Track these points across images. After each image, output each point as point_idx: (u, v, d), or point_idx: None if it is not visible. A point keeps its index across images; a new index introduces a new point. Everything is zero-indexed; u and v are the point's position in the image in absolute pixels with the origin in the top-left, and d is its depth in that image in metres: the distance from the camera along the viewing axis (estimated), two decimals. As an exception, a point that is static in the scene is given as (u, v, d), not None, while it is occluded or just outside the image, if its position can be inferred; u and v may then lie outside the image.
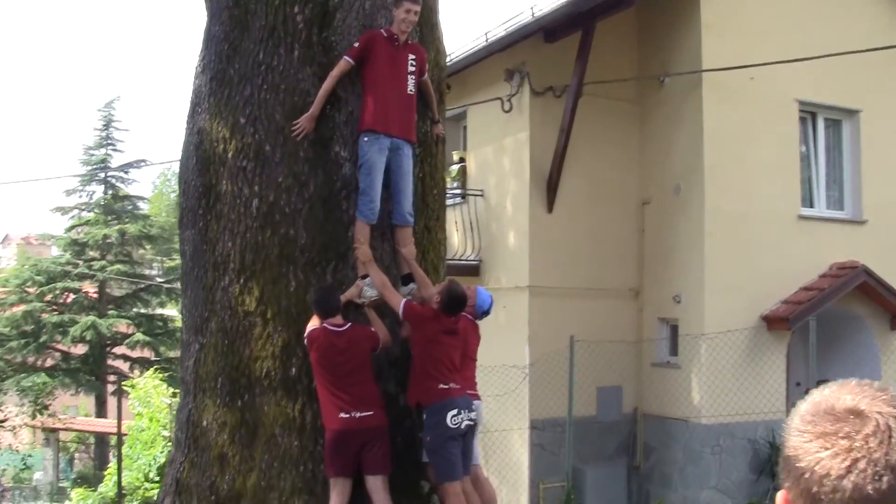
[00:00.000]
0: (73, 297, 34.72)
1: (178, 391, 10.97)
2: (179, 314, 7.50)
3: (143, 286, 35.51)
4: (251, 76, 6.89)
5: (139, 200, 38.04)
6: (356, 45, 6.75)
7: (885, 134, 14.98)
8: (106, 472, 15.57)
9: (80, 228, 36.30)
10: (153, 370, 23.12)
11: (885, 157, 14.98)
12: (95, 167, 36.71)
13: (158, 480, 14.44)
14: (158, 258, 44.19)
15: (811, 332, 11.89)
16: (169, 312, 36.41)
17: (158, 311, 36.50)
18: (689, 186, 13.48)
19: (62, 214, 36.82)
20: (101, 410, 34.77)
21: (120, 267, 34.36)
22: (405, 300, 6.43)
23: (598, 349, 13.32)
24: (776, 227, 13.73)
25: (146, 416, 18.78)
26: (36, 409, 14.06)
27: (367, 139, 6.66)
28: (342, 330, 6.28)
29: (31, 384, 24.79)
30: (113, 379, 32.71)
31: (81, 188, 36.46)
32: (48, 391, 16.61)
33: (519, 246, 13.92)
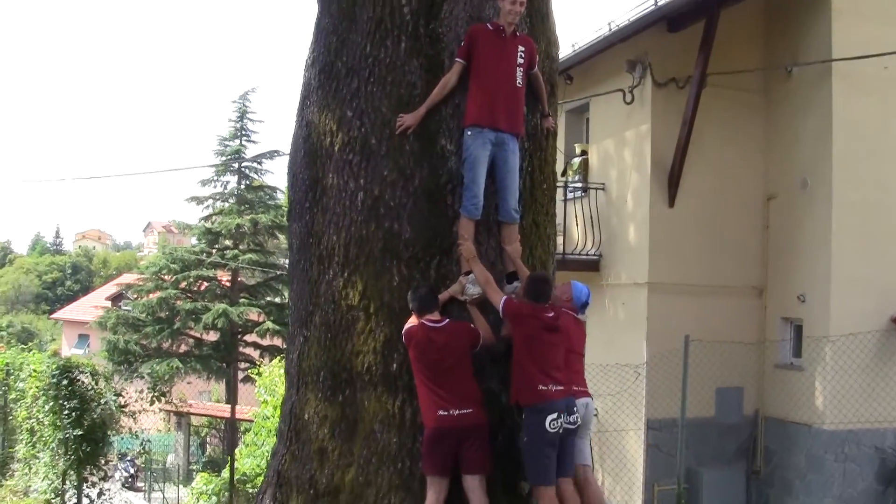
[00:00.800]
0: (206, 285, 35.67)
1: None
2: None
3: (273, 275, 36.13)
4: (358, 69, 6.87)
5: (272, 191, 38.65)
6: (462, 43, 6.66)
7: None
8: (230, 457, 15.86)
9: (214, 218, 37.17)
10: (279, 358, 23.54)
11: None
12: (230, 158, 37.53)
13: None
14: (289, 248, 44.91)
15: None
16: (298, 301, 36.88)
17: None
18: (816, 180, 12.98)
19: (197, 204, 37.76)
20: (231, 397, 35.66)
21: (252, 256, 35.05)
22: (505, 297, 6.32)
23: (718, 349, 12.93)
24: (910, 221, 13.07)
25: (271, 403, 19.07)
26: (154, 395, 14.42)
27: (470, 133, 6.56)
28: (440, 326, 6.20)
29: (150, 371, 25.58)
30: (243, 366, 33.51)
31: (216, 178, 37.26)
32: (167, 378, 17.11)
33: (639, 241, 13.65)
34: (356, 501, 6.38)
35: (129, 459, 30.32)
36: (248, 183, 37.63)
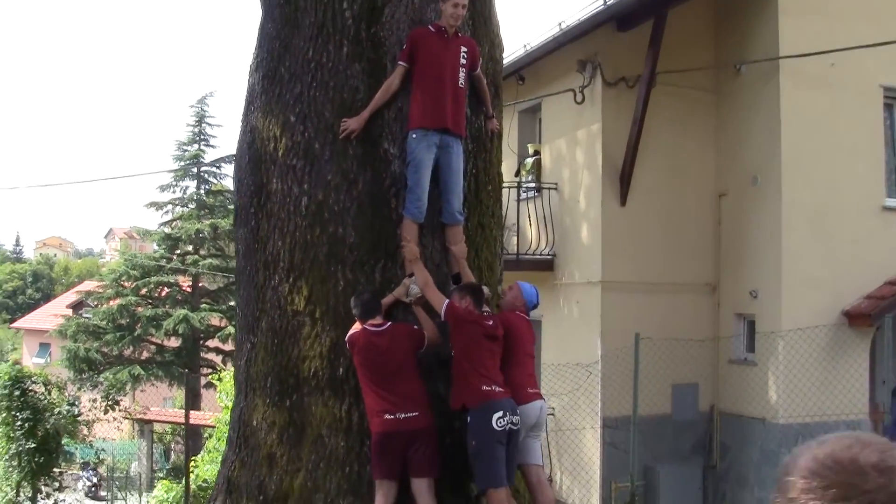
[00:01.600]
0: (167, 290, 35.44)
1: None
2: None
3: (235, 280, 35.84)
4: (301, 74, 6.88)
5: (232, 195, 38.22)
6: (404, 47, 6.68)
7: (976, 120, 14.31)
8: (191, 463, 15.76)
9: (174, 223, 36.95)
10: (240, 363, 23.39)
11: (976, 144, 14.32)
12: (189, 163, 37.32)
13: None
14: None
15: (885, 329, 11.39)
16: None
17: (250, 304, 36.89)
18: (767, 177, 13.10)
19: (157, 210, 37.49)
20: (194, 402, 35.40)
21: (213, 261, 34.94)
22: (448, 301, 6.33)
23: (673, 345, 13.02)
24: (859, 218, 13.26)
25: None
26: (108, 404, 14.33)
27: (415, 136, 6.58)
28: (382, 329, 6.21)
29: (109, 379, 25.37)
30: (206, 371, 33.32)
31: (175, 184, 37.00)
32: (118, 387, 17.01)
33: (592, 240, 13.70)
34: (305, 506, 6.38)
35: (91, 468, 30.05)
36: (207, 188, 37.43)
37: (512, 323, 6.83)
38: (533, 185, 15.17)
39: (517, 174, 15.48)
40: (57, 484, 14.25)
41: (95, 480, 30.71)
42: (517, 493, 6.71)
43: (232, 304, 35.64)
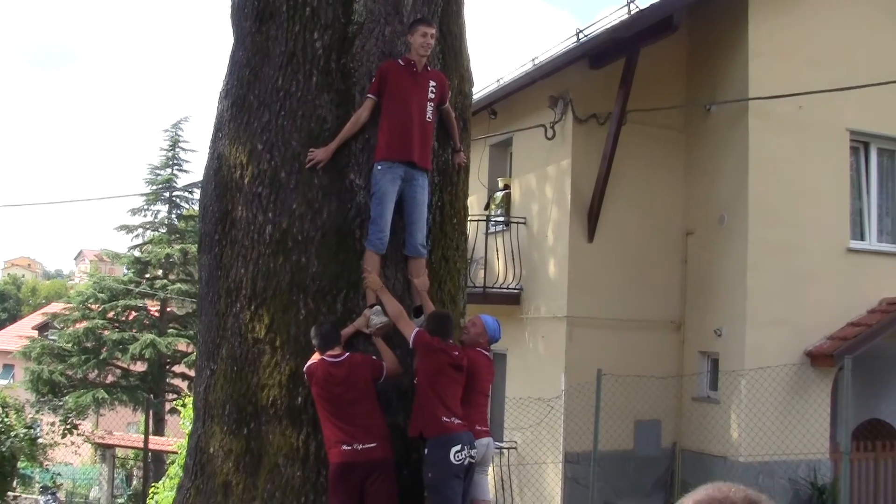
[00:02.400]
0: (134, 314, 35.15)
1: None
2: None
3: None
4: (270, 102, 6.90)
5: (203, 221, 38.10)
6: (374, 79, 6.72)
7: (942, 166, 14.52)
8: (151, 489, 15.62)
9: (144, 247, 36.74)
10: (204, 389, 23.22)
11: (942, 189, 14.52)
12: (161, 187, 37.16)
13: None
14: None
15: (846, 370, 11.45)
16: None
17: (218, 330, 36.69)
18: (733, 217, 13.19)
19: (127, 233, 37.26)
20: (158, 428, 35.09)
21: (182, 286, 34.67)
22: (417, 329, 6.35)
23: (637, 382, 13.04)
24: (824, 259, 13.36)
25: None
26: (66, 428, 14.21)
27: (380, 168, 6.61)
28: (340, 360, 6.21)
29: (72, 402, 25.10)
30: (171, 397, 33.02)
31: (147, 207, 36.83)
32: (78, 412, 16.87)
33: (559, 275, 13.72)
34: (260, 536, 6.34)
35: (51, 492, 29.65)
36: (179, 212, 37.26)
37: (473, 360, 6.83)
38: (502, 218, 15.21)
39: (487, 207, 15.50)
40: (11, 507, 14.09)
41: (55, 505, 30.30)
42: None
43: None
